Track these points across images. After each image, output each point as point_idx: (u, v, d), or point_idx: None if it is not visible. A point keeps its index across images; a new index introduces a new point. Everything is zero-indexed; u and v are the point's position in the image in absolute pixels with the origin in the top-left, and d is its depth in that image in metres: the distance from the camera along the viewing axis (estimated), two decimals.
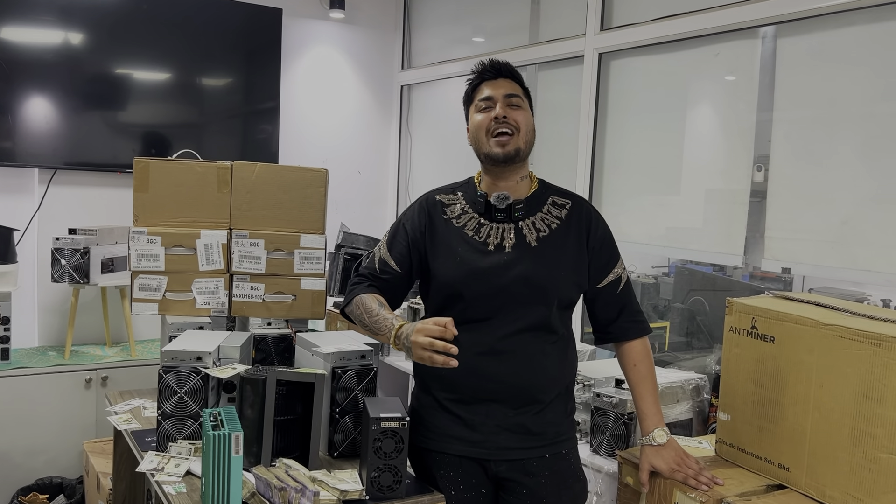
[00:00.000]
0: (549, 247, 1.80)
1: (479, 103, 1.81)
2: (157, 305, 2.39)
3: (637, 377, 1.89)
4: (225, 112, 3.99)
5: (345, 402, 1.99)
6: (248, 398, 1.90)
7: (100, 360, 3.28)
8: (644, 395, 1.87)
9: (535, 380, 1.78)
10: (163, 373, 1.92)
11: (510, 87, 1.81)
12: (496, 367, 1.76)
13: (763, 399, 1.86)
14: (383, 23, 4.45)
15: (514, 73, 1.85)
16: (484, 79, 1.83)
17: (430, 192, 1.94)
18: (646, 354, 1.90)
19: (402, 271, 1.88)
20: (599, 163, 3.02)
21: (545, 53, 3.26)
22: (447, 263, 1.81)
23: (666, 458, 1.82)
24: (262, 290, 2.41)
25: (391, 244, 1.90)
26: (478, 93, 1.83)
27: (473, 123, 1.83)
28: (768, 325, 1.85)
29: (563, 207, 1.86)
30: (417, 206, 1.91)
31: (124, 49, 3.66)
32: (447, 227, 1.84)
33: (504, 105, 1.78)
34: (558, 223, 1.83)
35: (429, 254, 1.85)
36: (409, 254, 1.87)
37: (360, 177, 4.46)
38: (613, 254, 1.89)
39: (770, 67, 2.39)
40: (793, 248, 2.40)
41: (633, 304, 1.91)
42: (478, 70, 1.85)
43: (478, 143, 1.82)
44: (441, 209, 1.87)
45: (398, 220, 1.94)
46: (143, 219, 2.39)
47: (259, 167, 2.44)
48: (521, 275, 1.77)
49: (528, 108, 1.85)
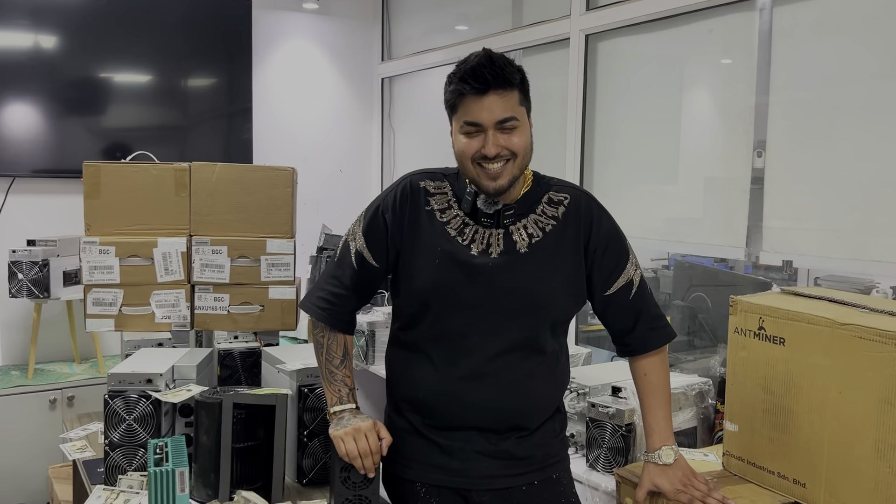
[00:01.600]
0: (542, 253, 1.58)
1: (465, 126, 1.49)
2: (113, 321, 2.22)
3: (647, 388, 1.69)
4: (200, 112, 3.83)
5: (313, 423, 1.82)
6: (203, 424, 1.72)
7: (65, 379, 3.11)
8: (653, 408, 1.68)
9: (522, 406, 1.59)
10: (109, 398, 1.74)
11: (504, 108, 1.46)
12: (477, 392, 1.56)
13: (774, 407, 1.68)
14: (360, 12, 4.27)
15: (508, 79, 1.46)
16: (466, 92, 1.46)
17: (413, 174, 1.65)
18: (659, 363, 1.69)
19: (381, 266, 1.63)
20: (589, 152, 2.84)
21: (529, 37, 3.08)
22: (426, 266, 1.58)
23: (671, 477, 1.63)
24: (227, 301, 2.24)
25: (368, 235, 1.62)
26: (462, 109, 1.49)
27: (457, 144, 1.54)
28: (777, 325, 1.67)
29: (559, 204, 1.61)
30: (399, 193, 1.62)
31: (88, 50, 3.49)
32: (430, 222, 1.59)
33: (496, 134, 1.47)
34: (553, 224, 1.60)
35: (406, 251, 1.60)
36: (386, 249, 1.62)
37: (342, 175, 4.29)
38: (622, 254, 1.64)
39: (769, 42, 2.20)
40: (794, 238, 2.22)
41: (651, 308, 1.68)
42: (459, 76, 1.47)
43: (463, 167, 1.56)
44: (423, 198, 1.61)
45: (375, 206, 1.64)
46: (96, 228, 2.23)
47: (219, 167, 2.26)
48: (508, 286, 1.55)
49: (526, 116, 1.53)
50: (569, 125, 2.85)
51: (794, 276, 2.40)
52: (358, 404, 1.62)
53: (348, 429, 1.53)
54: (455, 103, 1.51)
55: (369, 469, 1.52)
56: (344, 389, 1.61)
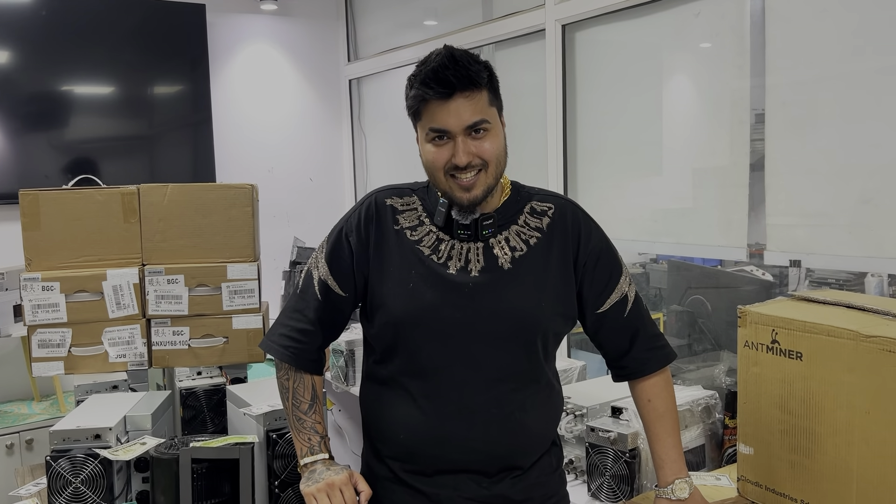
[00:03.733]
0: (527, 269, 1.42)
1: (431, 134, 1.35)
2: (62, 363, 2.03)
3: (652, 415, 1.53)
4: (163, 123, 3.63)
5: (284, 472, 1.64)
6: (160, 483, 1.54)
7: (23, 421, 2.89)
8: (661, 437, 1.52)
9: (516, 444, 1.43)
10: (51, 459, 1.54)
11: (472, 111, 1.32)
12: (464, 431, 1.39)
13: (794, 428, 1.52)
14: (323, 12, 4.06)
15: (474, 79, 1.32)
16: (429, 97, 1.32)
17: (378, 191, 1.49)
18: (664, 386, 1.54)
19: (347, 294, 1.46)
20: (572, 149, 2.67)
21: (502, 30, 2.90)
22: (397, 291, 1.41)
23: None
24: (187, 334, 2.06)
25: (332, 260, 1.46)
26: (426, 116, 1.35)
27: (425, 154, 1.38)
28: (793, 338, 1.51)
29: (543, 215, 1.46)
30: (364, 212, 1.46)
31: (42, 63, 3.29)
32: (399, 242, 1.43)
33: (466, 141, 1.33)
34: (538, 237, 1.44)
35: (374, 277, 1.43)
36: (351, 273, 1.45)
37: (312, 184, 4.09)
38: (615, 268, 1.49)
39: (762, 23, 2.03)
40: (800, 235, 2.06)
41: (648, 327, 1.53)
42: (420, 80, 1.33)
43: (434, 179, 1.40)
44: (391, 216, 1.45)
45: (338, 228, 1.48)
46: (37, 262, 2.03)
47: (171, 188, 2.07)
48: (491, 307, 1.39)
49: (498, 117, 1.40)
50: (549, 121, 2.67)
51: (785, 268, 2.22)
52: (331, 453, 1.44)
53: (321, 484, 1.36)
54: (418, 109, 1.36)
55: None
56: (315, 438, 1.43)
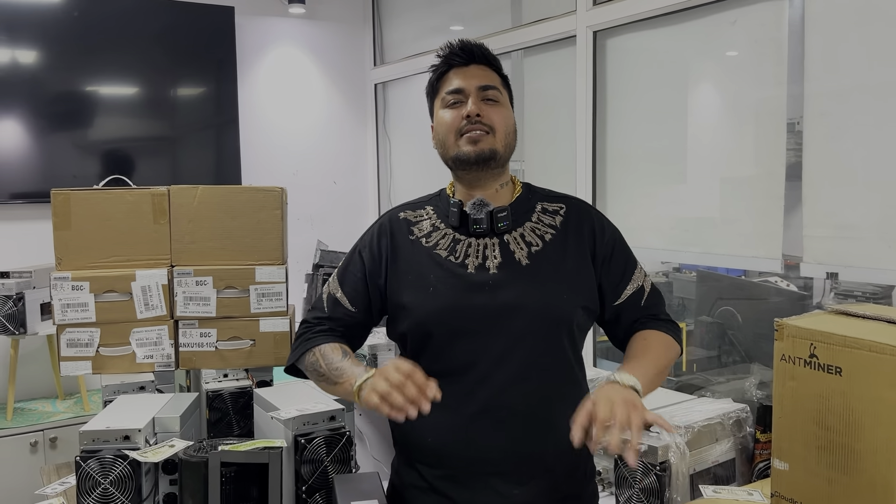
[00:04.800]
0: (545, 264, 1.43)
1: (447, 97, 1.46)
2: (90, 363, 2.02)
3: (640, 345, 1.45)
4: (188, 124, 3.65)
5: (312, 477, 1.62)
6: (188, 486, 1.53)
7: (48, 419, 2.90)
8: (638, 356, 1.42)
9: (544, 443, 1.41)
10: (81, 460, 1.54)
11: (485, 77, 1.46)
12: (491, 430, 1.39)
13: (832, 444, 1.49)
14: (350, 16, 4.06)
15: (489, 57, 1.50)
16: (452, 65, 1.48)
17: (392, 209, 1.58)
18: (662, 338, 1.48)
19: (357, 310, 1.50)
20: (601, 157, 2.65)
21: (532, 36, 2.88)
22: (417, 295, 1.43)
23: (610, 394, 1.25)
24: (215, 336, 2.05)
25: (343, 277, 1.53)
26: (444, 83, 1.48)
27: (439, 122, 1.47)
28: (832, 352, 1.48)
29: (556, 214, 1.50)
30: (377, 229, 1.54)
31: (70, 64, 3.30)
32: (415, 249, 1.47)
33: (478, 100, 1.43)
34: (553, 233, 1.46)
35: (392, 287, 1.47)
36: (365, 289, 1.49)
37: (336, 187, 4.09)
38: (629, 259, 1.53)
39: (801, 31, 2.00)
40: (839, 248, 2.02)
41: (662, 314, 1.57)
42: (444, 54, 1.49)
43: (445, 147, 1.47)
44: (407, 228, 1.51)
45: (354, 246, 1.57)
46: (68, 262, 2.03)
47: (201, 190, 2.07)
48: (513, 303, 1.39)
49: (508, 102, 1.50)
50: (578, 128, 2.65)
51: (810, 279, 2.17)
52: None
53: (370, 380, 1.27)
54: (437, 83, 1.50)
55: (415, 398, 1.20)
56: (358, 368, 1.37)
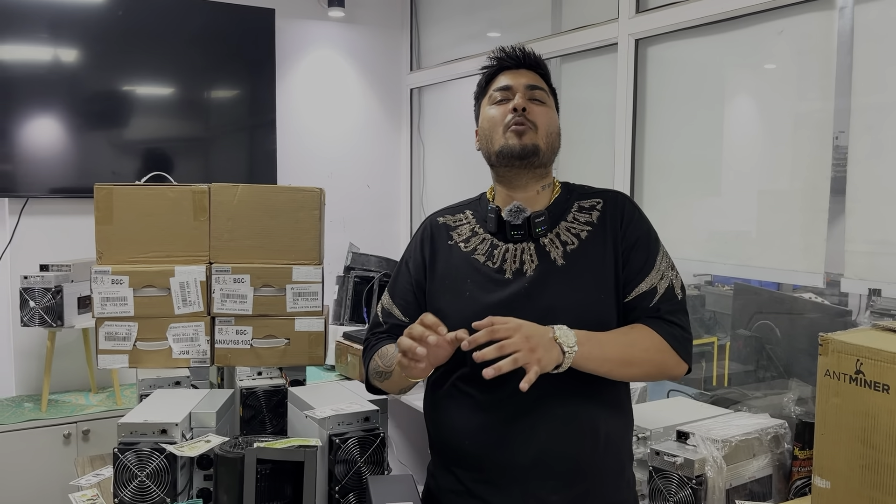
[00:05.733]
0: (581, 263, 1.42)
1: (495, 94, 1.49)
2: (127, 357, 2.04)
3: (621, 330, 1.41)
4: (223, 125, 3.67)
5: (345, 478, 1.62)
6: (223, 481, 1.54)
7: (81, 412, 2.94)
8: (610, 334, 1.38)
9: (582, 447, 1.39)
10: (119, 452, 1.56)
11: (534, 79, 1.50)
12: (527, 432, 1.38)
13: (877, 464, 1.45)
14: (388, 20, 4.08)
15: (541, 64, 1.54)
16: (504, 67, 1.51)
17: (433, 214, 1.60)
18: (647, 335, 1.40)
19: (410, 319, 1.51)
20: (639, 166, 2.63)
21: (572, 43, 2.87)
22: (455, 301, 1.45)
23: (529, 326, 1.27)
24: (250, 334, 2.06)
25: (394, 290, 1.58)
26: (494, 83, 1.52)
27: (485, 119, 1.49)
28: (880, 369, 1.45)
29: (592, 210, 1.48)
30: (419, 237, 1.57)
31: (109, 63, 3.34)
32: (452, 255, 1.49)
33: (525, 97, 1.45)
34: (589, 230, 1.45)
35: (432, 293, 1.50)
36: (415, 298, 1.54)
37: (370, 191, 4.10)
38: (650, 257, 1.45)
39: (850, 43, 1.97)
40: (882, 263, 1.98)
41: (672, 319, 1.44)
42: (496, 57, 1.53)
43: (489, 142, 1.47)
44: (446, 233, 1.52)
45: (402, 257, 1.61)
46: (108, 255, 2.05)
47: (241, 189, 2.08)
48: (549, 304, 1.38)
49: (554, 107, 1.51)
50: (617, 137, 2.63)
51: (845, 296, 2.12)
52: None
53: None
54: (486, 85, 1.53)
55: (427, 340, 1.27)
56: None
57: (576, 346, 1.28)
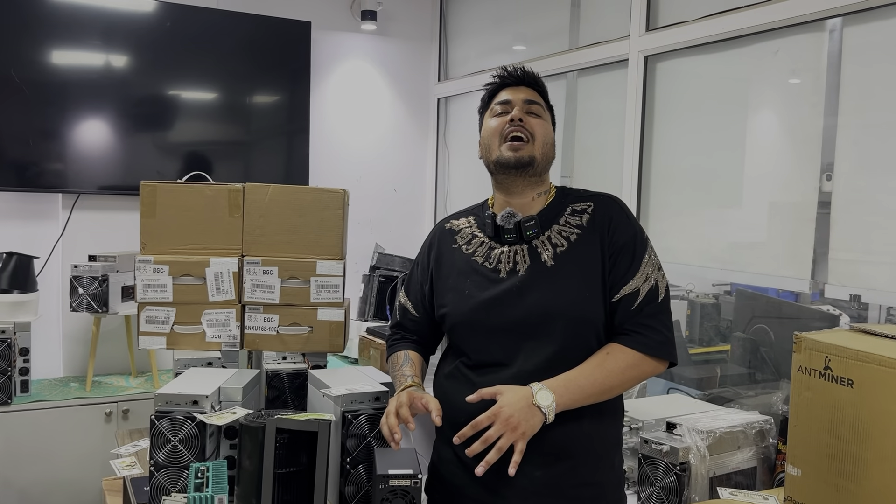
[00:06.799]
0: (570, 263, 1.55)
1: (496, 107, 1.65)
2: (165, 339, 2.23)
3: (596, 360, 1.52)
4: (260, 130, 3.87)
5: (356, 450, 1.78)
6: (246, 448, 1.71)
7: (121, 392, 3.16)
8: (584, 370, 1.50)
9: (568, 431, 1.53)
10: (155, 419, 1.74)
11: (532, 95, 1.66)
12: None
13: (841, 453, 1.58)
14: (418, 33, 4.27)
15: (538, 82, 1.70)
16: (505, 84, 1.68)
17: (441, 220, 1.80)
18: (624, 358, 1.51)
19: (421, 316, 1.76)
20: (647, 175, 2.76)
21: (587, 58, 3.02)
22: (456, 298, 1.63)
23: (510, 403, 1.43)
24: (277, 321, 2.23)
25: (408, 287, 1.80)
26: (496, 98, 1.69)
27: (486, 130, 1.66)
28: (845, 365, 1.57)
29: (583, 213, 1.60)
30: (428, 241, 1.78)
31: (155, 69, 3.56)
32: (456, 257, 1.67)
33: (522, 110, 1.61)
34: (578, 233, 1.57)
35: (438, 290, 1.70)
36: (424, 296, 1.75)
37: (396, 195, 4.28)
38: (634, 261, 1.55)
39: (838, 63, 2.09)
40: (863, 271, 2.09)
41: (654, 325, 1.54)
42: (499, 75, 1.69)
43: (489, 151, 1.64)
44: (451, 237, 1.71)
45: (416, 258, 1.83)
46: (151, 246, 2.24)
47: (272, 189, 2.27)
48: (538, 303, 1.53)
49: (550, 121, 1.67)
50: (626, 147, 2.78)
51: (864, 308, 2.25)
52: (419, 384, 1.67)
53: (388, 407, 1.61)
54: (489, 100, 1.69)
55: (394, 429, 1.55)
56: (405, 380, 1.68)
57: (554, 403, 1.44)
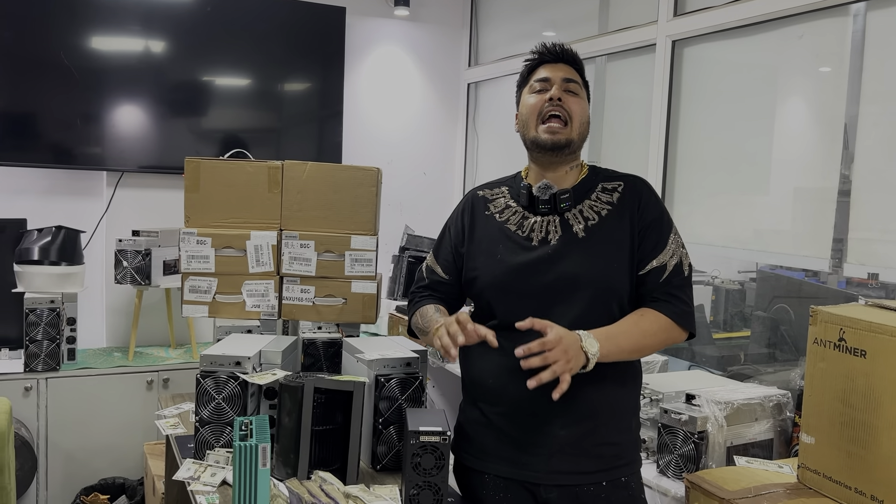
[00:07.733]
0: (600, 237, 1.63)
1: (534, 84, 1.69)
2: (207, 308, 2.34)
3: (632, 319, 1.61)
4: (294, 115, 3.97)
5: (388, 412, 1.88)
6: (285, 406, 1.82)
7: (162, 362, 3.30)
8: (622, 327, 1.59)
9: (588, 393, 1.61)
10: (201, 378, 1.86)
11: (570, 73, 1.69)
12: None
13: (853, 421, 1.64)
14: (450, 19, 4.35)
15: (576, 60, 1.73)
16: (544, 61, 1.71)
17: (474, 188, 1.84)
18: (657, 319, 1.60)
19: (450, 278, 1.81)
20: (672, 159, 2.82)
21: (615, 43, 3.08)
22: (488, 262, 1.69)
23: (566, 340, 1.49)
24: (313, 292, 2.34)
25: (437, 250, 1.84)
26: (534, 74, 1.71)
27: (524, 106, 1.71)
28: (858, 336, 1.63)
29: (614, 191, 1.69)
30: (461, 206, 1.82)
31: (193, 54, 3.67)
32: (488, 224, 1.73)
33: (561, 88, 1.66)
34: (609, 209, 1.66)
35: (469, 254, 1.74)
36: (454, 260, 1.80)
37: (426, 178, 4.37)
38: (662, 238, 1.65)
39: (861, 49, 2.14)
40: (880, 250, 2.14)
41: (680, 296, 1.64)
42: (538, 51, 1.73)
43: (526, 128, 1.70)
44: (484, 205, 1.77)
45: (445, 222, 1.86)
46: (194, 220, 2.36)
47: (310, 166, 2.37)
48: (568, 271, 1.61)
49: (586, 98, 1.72)
50: (652, 131, 2.83)
51: (890, 294, 2.30)
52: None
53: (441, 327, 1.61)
54: (528, 76, 1.72)
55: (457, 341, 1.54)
56: (442, 318, 1.71)
57: (598, 353, 1.52)
